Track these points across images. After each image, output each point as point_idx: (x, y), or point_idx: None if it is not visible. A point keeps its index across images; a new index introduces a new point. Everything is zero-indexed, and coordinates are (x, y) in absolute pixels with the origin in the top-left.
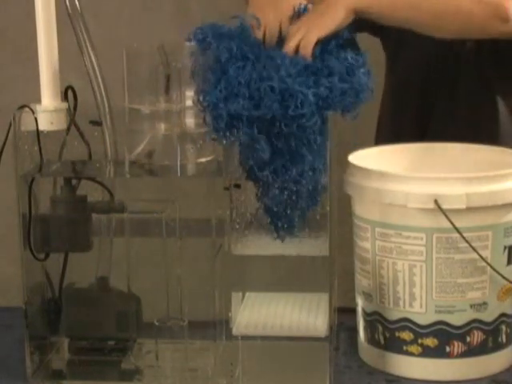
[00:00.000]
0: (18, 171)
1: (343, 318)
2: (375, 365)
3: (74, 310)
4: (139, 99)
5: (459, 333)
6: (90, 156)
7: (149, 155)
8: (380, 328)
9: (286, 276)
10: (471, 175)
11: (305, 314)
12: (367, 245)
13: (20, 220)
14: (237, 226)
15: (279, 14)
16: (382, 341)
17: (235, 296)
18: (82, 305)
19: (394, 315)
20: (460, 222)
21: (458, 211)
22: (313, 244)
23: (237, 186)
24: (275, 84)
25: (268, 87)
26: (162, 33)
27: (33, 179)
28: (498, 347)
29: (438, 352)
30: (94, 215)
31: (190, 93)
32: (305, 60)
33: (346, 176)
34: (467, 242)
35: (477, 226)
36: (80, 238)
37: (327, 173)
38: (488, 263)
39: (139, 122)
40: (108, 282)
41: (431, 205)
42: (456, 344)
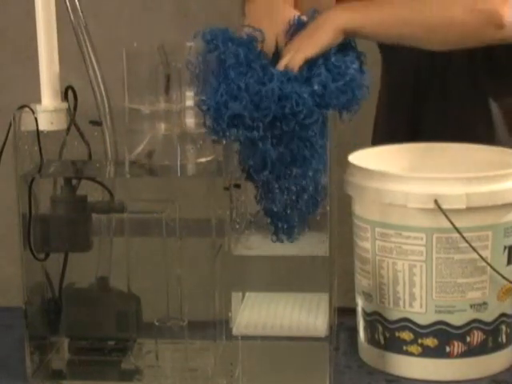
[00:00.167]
0: (18, 171)
1: (343, 318)
2: (375, 365)
3: (74, 310)
4: (139, 99)
5: (459, 333)
6: (90, 156)
7: (149, 155)
8: (380, 328)
9: (286, 276)
10: (471, 175)
11: (305, 314)
12: (367, 245)
13: (20, 220)
14: (237, 226)
15: (275, 28)
16: (382, 341)
17: (235, 296)
18: (82, 305)
19: (394, 315)
20: (460, 222)
21: (458, 211)
22: (313, 244)
23: (237, 186)
24: (274, 86)
25: (268, 90)
26: (162, 33)
27: (33, 179)
28: (498, 347)
29: (438, 352)
30: (94, 215)
31: (190, 93)
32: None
33: (346, 176)
34: (467, 242)
35: (477, 226)
36: (80, 238)
37: (327, 173)
38: (488, 263)
39: (139, 122)
40: (108, 282)
41: (431, 205)
42: (456, 344)
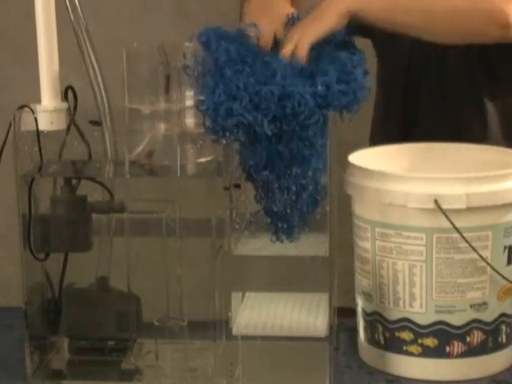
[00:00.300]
0: (18, 171)
1: (343, 318)
2: (375, 365)
3: (74, 310)
4: (139, 99)
5: (459, 333)
6: (90, 156)
7: (149, 155)
8: (380, 328)
9: (286, 276)
10: (471, 175)
11: (305, 314)
12: (367, 245)
13: (20, 220)
14: (237, 226)
15: (273, 23)
16: (382, 341)
17: (235, 296)
18: (82, 305)
19: (394, 315)
20: (460, 222)
21: (458, 211)
22: (313, 244)
23: (237, 186)
24: (273, 88)
25: (268, 91)
26: (162, 33)
27: (33, 179)
28: (498, 347)
29: (438, 352)
30: (94, 215)
31: (190, 93)
32: (300, 64)
33: (346, 176)
34: (467, 242)
35: (477, 226)
36: (80, 238)
37: (327, 173)
38: (488, 263)
39: (139, 122)
40: (108, 282)
41: (431, 205)
42: (456, 344)
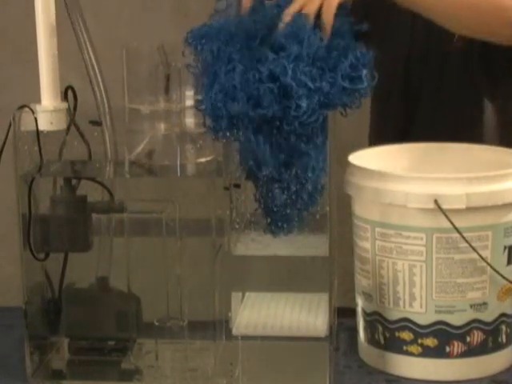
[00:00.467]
0: (18, 171)
1: (343, 318)
2: (375, 365)
3: (74, 310)
4: (139, 99)
5: (459, 333)
6: (90, 156)
7: (149, 155)
8: (380, 328)
9: (286, 276)
10: (471, 175)
11: (305, 314)
12: (367, 245)
13: (20, 220)
14: (237, 226)
15: None
16: (382, 341)
17: (235, 296)
18: (82, 305)
19: (394, 315)
20: (460, 222)
21: (458, 211)
22: (313, 244)
23: (237, 186)
24: (272, 86)
25: (267, 88)
26: (162, 33)
27: (33, 179)
28: (498, 347)
29: (438, 352)
30: (94, 215)
31: (190, 93)
32: (300, 46)
33: (346, 176)
34: (467, 242)
35: (477, 226)
36: (80, 238)
37: (327, 173)
38: (488, 263)
39: (139, 122)
40: (108, 282)
41: (431, 205)
42: (456, 344)
